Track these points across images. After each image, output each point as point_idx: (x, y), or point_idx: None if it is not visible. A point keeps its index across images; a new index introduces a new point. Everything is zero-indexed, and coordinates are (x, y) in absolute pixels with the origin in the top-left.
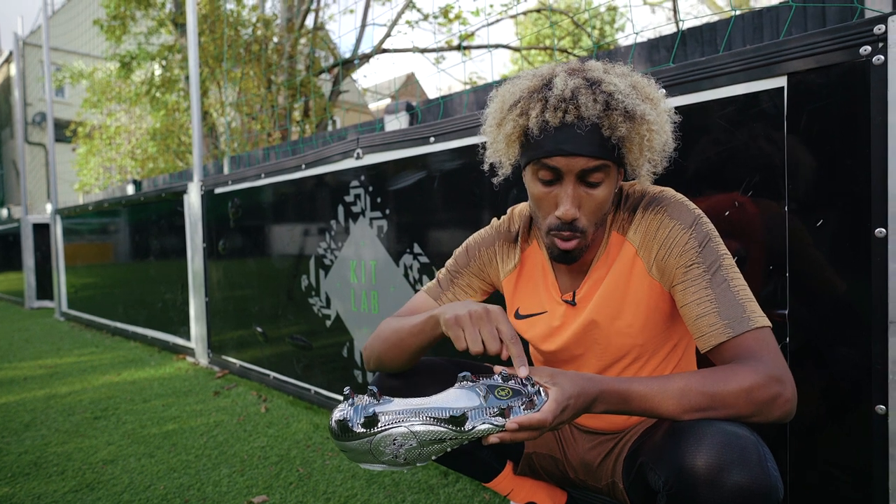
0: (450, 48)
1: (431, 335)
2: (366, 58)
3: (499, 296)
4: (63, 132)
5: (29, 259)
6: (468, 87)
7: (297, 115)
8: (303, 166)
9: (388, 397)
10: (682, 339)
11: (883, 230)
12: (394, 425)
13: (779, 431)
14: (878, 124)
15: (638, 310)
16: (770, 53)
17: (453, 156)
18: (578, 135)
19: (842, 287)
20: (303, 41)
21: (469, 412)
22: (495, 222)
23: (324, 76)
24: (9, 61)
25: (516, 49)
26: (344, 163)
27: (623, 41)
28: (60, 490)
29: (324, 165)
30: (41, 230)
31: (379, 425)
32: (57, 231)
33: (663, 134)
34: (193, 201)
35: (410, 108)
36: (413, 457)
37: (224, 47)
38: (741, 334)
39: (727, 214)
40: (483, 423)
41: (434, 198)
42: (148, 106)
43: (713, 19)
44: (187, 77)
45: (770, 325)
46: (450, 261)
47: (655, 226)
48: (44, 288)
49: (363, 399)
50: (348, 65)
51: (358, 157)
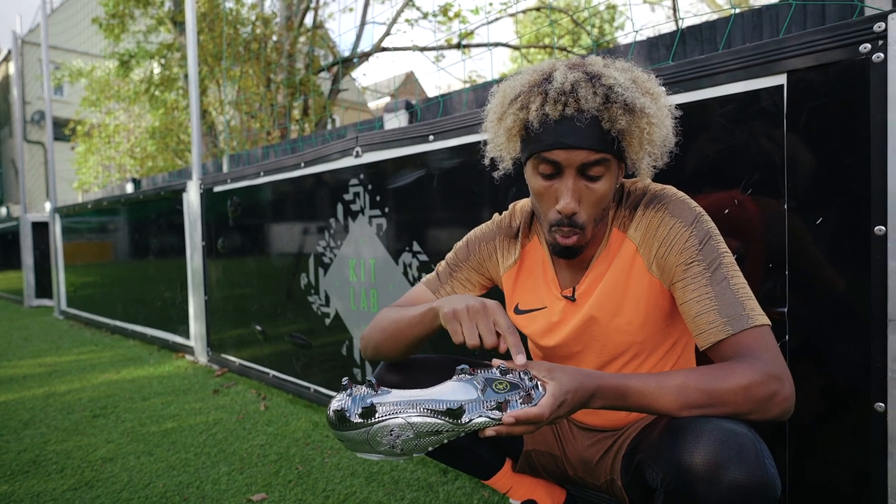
0: (449, 46)
1: (430, 327)
2: (365, 56)
3: (497, 291)
4: (62, 131)
5: (28, 257)
6: (468, 86)
7: (297, 114)
8: (302, 164)
9: (386, 388)
10: (682, 338)
11: (882, 228)
12: (391, 416)
13: (778, 429)
14: (878, 122)
15: (637, 307)
16: (770, 51)
17: (452, 154)
18: (578, 128)
19: (841, 285)
20: (302, 39)
21: (466, 405)
22: (496, 217)
23: (323, 75)
24: (7, 60)
25: (516, 47)
26: (343, 161)
27: (622, 39)
28: (59, 488)
29: (323, 164)
30: (40, 229)
31: (376, 416)
32: (56, 229)
33: (663, 128)
34: (192, 199)
35: (410, 107)
36: (410, 447)
37: (223, 46)
38: (740, 332)
39: (727, 212)
40: (480, 417)
41: (433, 196)
42: (147, 104)
43: (713, 17)
44: (186, 75)
45: (769, 324)
46: (450, 254)
47: (656, 223)
48: (43, 286)
49: (361, 389)
50: (348, 63)
51: (357, 156)
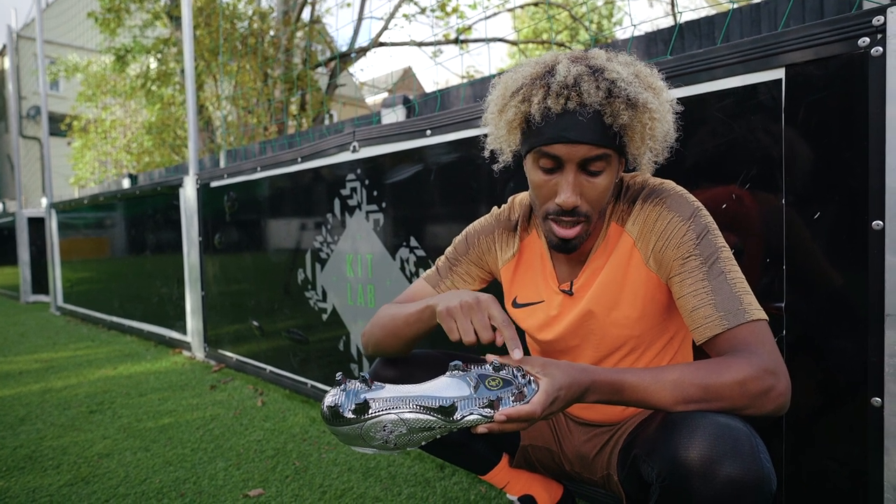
0: (447, 42)
1: (427, 325)
2: (363, 51)
3: (497, 285)
4: (58, 126)
5: (24, 253)
6: (465, 81)
7: (294, 109)
8: (299, 159)
9: (380, 383)
10: (679, 332)
11: (880, 223)
12: (384, 412)
13: (774, 423)
14: (877, 117)
15: (635, 301)
16: (768, 45)
17: (450, 149)
18: (580, 122)
19: (839, 280)
20: (299, 34)
21: (458, 402)
22: (495, 211)
23: (320, 70)
24: (2, 54)
25: (514, 43)
26: (340, 156)
27: (621, 35)
28: (56, 484)
29: (320, 159)
30: (36, 224)
31: (370, 412)
32: (52, 225)
33: (665, 123)
34: (189, 195)
35: (407, 102)
36: (403, 442)
37: (220, 40)
38: (736, 326)
39: (724, 207)
40: (472, 414)
41: (430, 191)
42: (143, 100)
43: (711, 13)
44: (183, 70)
45: (766, 318)
46: (449, 248)
47: (654, 217)
48: (39, 282)
49: (355, 385)
50: (345, 58)
51: (354, 151)
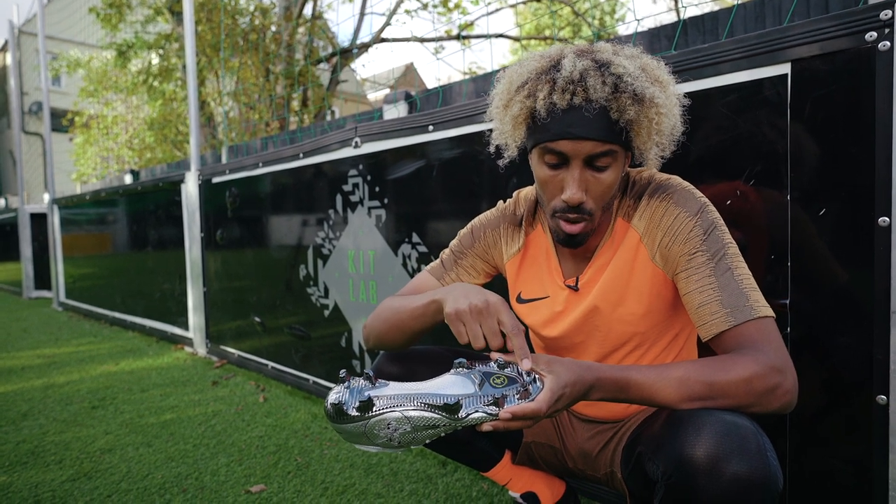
0: (449, 38)
1: (433, 320)
2: (364, 47)
3: (501, 280)
4: (60, 122)
5: (27, 249)
6: (467, 77)
7: (296, 105)
8: (300, 155)
9: (384, 381)
10: (685, 329)
11: (887, 219)
12: (388, 410)
13: (779, 421)
14: (884, 112)
15: (640, 297)
16: (774, 40)
17: (452, 144)
18: (586, 118)
19: (844, 277)
20: (301, 30)
21: (463, 400)
22: (501, 205)
23: (322, 66)
24: (4, 50)
25: (516, 39)
26: (342, 151)
27: (623, 31)
28: (58, 479)
29: (322, 154)
30: (38, 220)
31: (374, 409)
32: (54, 221)
33: (672, 117)
34: (191, 191)
35: (409, 98)
36: (407, 440)
37: (222, 36)
38: (743, 323)
39: (729, 203)
40: (476, 412)
41: (433, 187)
42: (145, 95)
43: (715, 8)
44: (184, 66)
45: (773, 315)
46: (454, 241)
47: (660, 213)
48: (42, 278)
49: (359, 382)
50: (347, 54)
51: (356, 146)
